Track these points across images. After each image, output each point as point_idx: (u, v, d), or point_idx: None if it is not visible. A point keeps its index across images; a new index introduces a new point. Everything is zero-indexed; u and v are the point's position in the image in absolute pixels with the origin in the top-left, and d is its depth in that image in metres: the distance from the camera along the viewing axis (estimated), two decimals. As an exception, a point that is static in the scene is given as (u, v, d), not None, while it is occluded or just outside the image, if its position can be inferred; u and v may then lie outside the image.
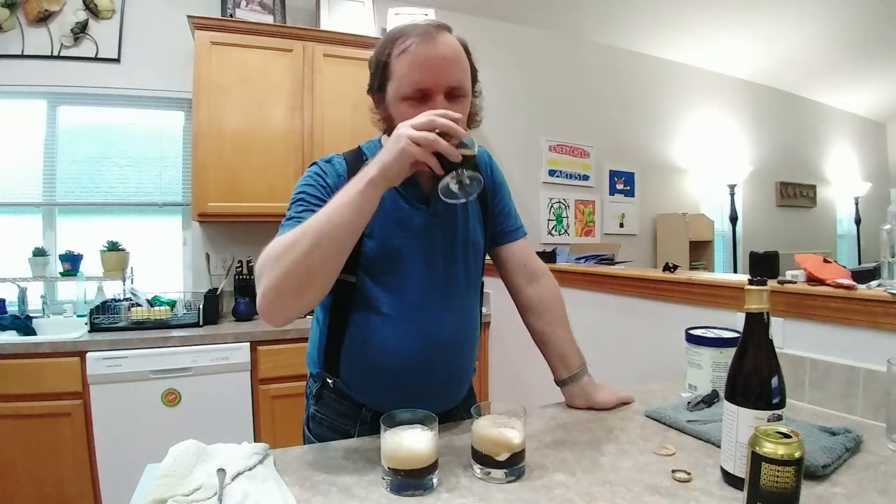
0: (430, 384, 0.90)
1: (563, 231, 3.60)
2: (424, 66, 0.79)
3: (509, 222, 1.06)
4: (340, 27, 2.59)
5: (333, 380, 0.94)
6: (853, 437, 0.79)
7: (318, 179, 0.88)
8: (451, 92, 0.82)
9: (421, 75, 0.79)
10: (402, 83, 0.81)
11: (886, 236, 1.07)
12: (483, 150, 1.05)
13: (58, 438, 1.86)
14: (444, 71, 0.80)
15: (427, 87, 0.80)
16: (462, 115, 0.80)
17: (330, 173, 0.89)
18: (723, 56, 4.09)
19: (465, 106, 0.85)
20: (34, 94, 2.41)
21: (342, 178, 0.88)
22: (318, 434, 0.96)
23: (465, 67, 0.85)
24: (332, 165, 0.90)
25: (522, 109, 3.44)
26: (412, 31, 0.81)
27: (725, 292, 1.29)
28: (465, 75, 0.84)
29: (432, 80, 0.80)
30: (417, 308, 0.88)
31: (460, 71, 0.83)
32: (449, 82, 0.81)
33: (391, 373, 0.88)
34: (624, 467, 0.74)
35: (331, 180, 0.88)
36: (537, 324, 1.03)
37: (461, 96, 0.83)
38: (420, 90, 0.80)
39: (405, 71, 0.80)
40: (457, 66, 0.82)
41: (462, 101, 0.84)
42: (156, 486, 0.65)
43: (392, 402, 0.82)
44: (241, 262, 2.51)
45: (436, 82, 0.80)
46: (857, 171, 5.62)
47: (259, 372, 2.10)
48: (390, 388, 0.89)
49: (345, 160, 0.92)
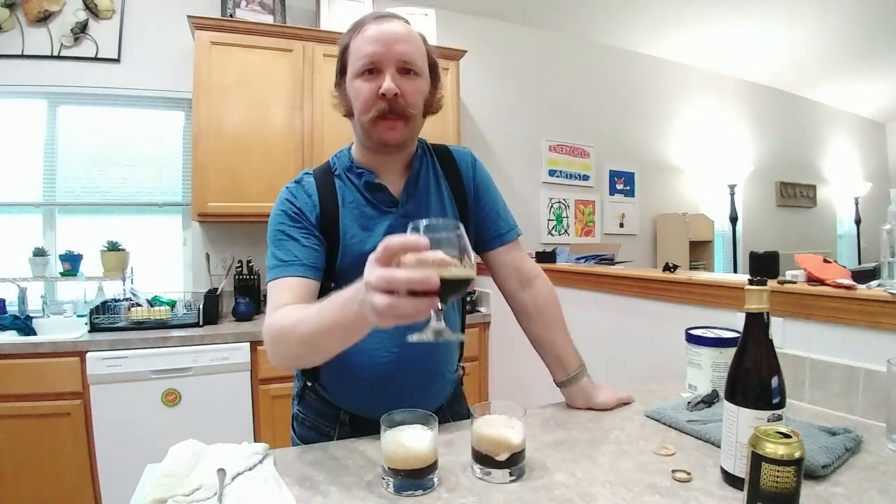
0: (406, 386, 0.90)
1: (563, 231, 3.61)
2: (376, 41, 0.83)
3: (498, 226, 1.03)
4: (340, 27, 2.54)
5: (312, 383, 0.95)
6: (853, 437, 0.79)
7: (288, 207, 0.90)
8: (402, 66, 0.84)
9: (372, 48, 0.82)
10: (355, 60, 0.85)
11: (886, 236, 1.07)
12: (467, 151, 1.05)
13: (58, 438, 1.86)
14: (393, 45, 0.83)
15: (377, 60, 0.82)
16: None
17: (300, 197, 0.91)
18: (723, 56, 4.09)
19: (418, 85, 0.87)
20: (34, 94, 2.41)
21: (312, 198, 0.90)
22: (301, 435, 0.97)
23: (419, 48, 0.87)
24: (301, 187, 0.92)
25: (522, 109, 3.44)
26: (370, 16, 0.87)
27: (725, 292, 1.29)
28: (418, 54, 0.86)
29: (382, 52, 0.82)
30: None
31: (411, 47, 0.85)
32: (399, 55, 0.83)
33: (366, 375, 0.89)
34: (624, 467, 0.74)
35: (300, 203, 0.90)
36: (533, 327, 1.02)
37: (413, 73, 0.85)
38: (371, 62, 0.83)
39: (359, 47, 0.84)
40: (408, 43, 0.85)
41: (415, 80, 0.86)
42: (156, 486, 0.65)
43: (368, 405, 0.82)
44: (241, 262, 2.51)
45: (386, 54, 0.82)
46: (857, 171, 5.62)
47: (259, 372, 2.10)
48: (367, 391, 0.90)
49: (314, 179, 0.93)
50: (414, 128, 0.89)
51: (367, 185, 0.91)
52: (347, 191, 0.92)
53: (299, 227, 0.88)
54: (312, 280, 0.86)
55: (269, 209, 0.93)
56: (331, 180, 0.93)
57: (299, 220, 0.89)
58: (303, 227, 0.88)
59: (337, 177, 0.93)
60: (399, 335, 0.89)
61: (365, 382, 0.89)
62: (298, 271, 0.85)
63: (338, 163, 0.95)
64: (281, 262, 0.86)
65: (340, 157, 0.96)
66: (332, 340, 0.69)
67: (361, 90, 0.84)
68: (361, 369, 0.88)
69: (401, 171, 0.95)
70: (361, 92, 0.84)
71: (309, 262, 0.86)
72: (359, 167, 0.93)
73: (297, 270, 0.85)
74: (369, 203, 0.91)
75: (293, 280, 0.84)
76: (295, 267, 0.85)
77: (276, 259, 0.87)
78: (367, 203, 0.91)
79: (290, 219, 0.89)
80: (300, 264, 0.85)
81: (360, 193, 0.92)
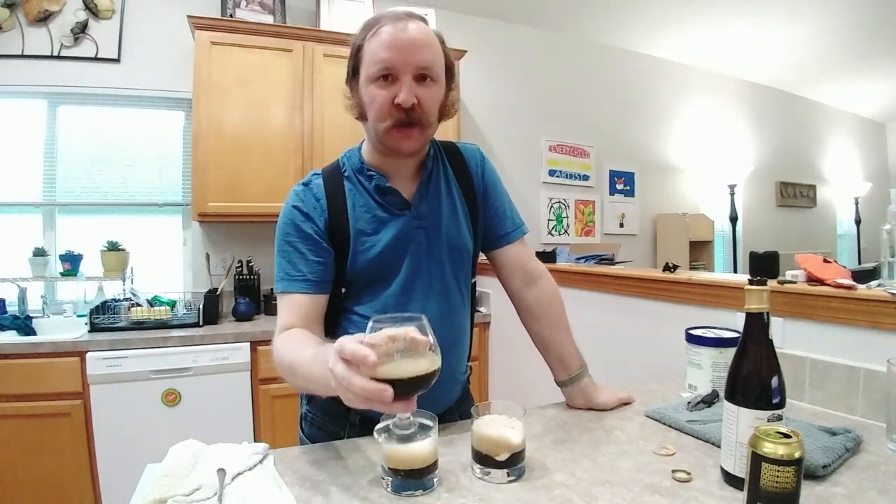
0: None
1: (563, 231, 3.60)
2: (393, 46, 0.79)
3: (504, 224, 1.03)
4: (340, 27, 2.59)
5: None
6: (853, 437, 0.79)
7: (296, 215, 0.89)
8: (420, 74, 0.81)
9: (388, 54, 0.79)
10: (370, 64, 0.81)
11: (886, 236, 1.07)
12: (475, 148, 1.04)
13: (58, 438, 1.86)
14: (411, 51, 0.79)
15: (394, 66, 0.79)
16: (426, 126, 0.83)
17: (308, 201, 0.89)
18: (723, 56, 4.09)
19: (434, 92, 0.84)
20: (34, 94, 2.41)
21: (321, 202, 0.89)
22: (310, 435, 0.97)
23: (437, 53, 0.84)
24: (309, 190, 0.91)
25: (522, 109, 3.44)
26: (386, 15, 0.83)
27: (725, 292, 1.29)
28: (436, 59, 0.83)
29: (400, 60, 0.79)
30: (401, 310, 0.88)
31: (430, 54, 0.82)
32: (417, 63, 0.80)
33: None
34: (624, 467, 0.74)
35: (308, 208, 0.89)
36: (536, 327, 1.02)
37: (431, 79, 0.83)
38: (387, 69, 0.80)
39: (374, 51, 0.81)
40: (426, 49, 0.81)
41: (431, 86, 0.83)
42: (156, 486, 0.65)
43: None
44: (241, 262, 2.51)
45: (403, 62, 0.79)
46: (857, 171, 5.62)
47: (259, 372, 2.10)
48: None
49: (323, 180, 0.92)
50: (429, 135, 0.88)
51: (378, 188, 0.90)
52: (357, 193, 0.90)
53: (306, 239, 0.87)
54: (318, 295, 0.87)
55: (270, 209, 0.93)
56: (340, 182, 0.91)
57: (306, 231, 0.88)
58: (310, 240, 0.87)
59: (346, 178, 0.92)
60: None
61: None
62: (303, 287, 0.86)
63: (348, 163, 0.94)
64: (287, 276, 0.87)
65: (351, 157, 0.95)
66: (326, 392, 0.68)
67: (376, 97, 0.81)
68: None
69: (413, 173, 0.94)
70: (376, 99, 0.82)
71: (315, 277, 0.87)
72: (370, 169, 0.91)
73: (301, 287, 0.86)
74: (380, 206, 0.90)
75: (298, 298, 0.86)
76: (300, 283, 0.86)
77: (284, 272, 0.88)
78: (377, 206, 0.90)
79: (297, 231, 0.88)
80: (305, 280, 0.86)
81: (371, 196, 0.90)
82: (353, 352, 0.55)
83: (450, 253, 0.94)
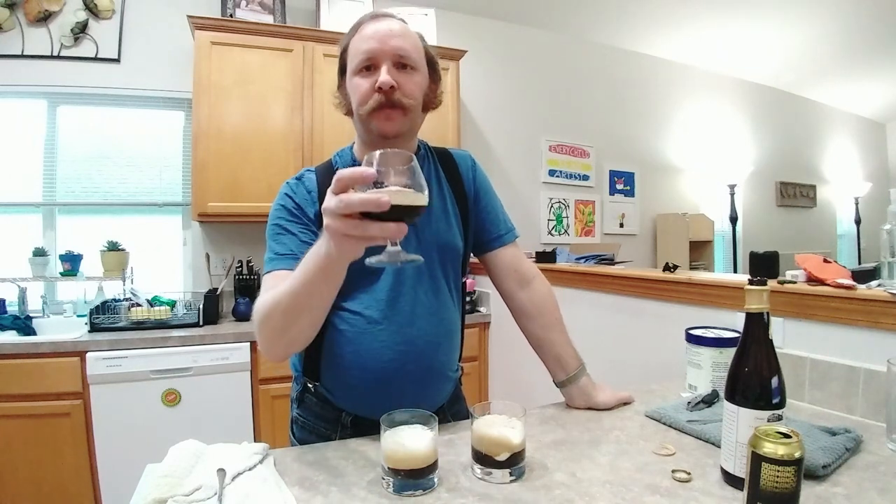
0: (407, 386, 0.89)
1: (563, 231, 3.61)
2: (372, 38, 0.85)
3: (496, 227, 1.05)
4: (340, 27, 2.59)
5: (314, 384, 0.94)
6: (853, 437, 0.79)
7: (287, 201, 0.91)
8: (398, 61, 0.85)
9: (368, 45, 0.84)
10: (353, 58, 0.87)
11: (886, 236, 1.07)
12: (466, 154, 1.06)
13: (58, 438, 1.86)
14: (388, 41, 0.84)
15: (374, 56, 0.84)
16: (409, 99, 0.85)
17: (299, 193, 0.91)
18: (723, 56, 4.09)
19: (414, 79, 0.88)
20: (34, 94, 2.41)
21: (312, 194, 0.91)
22: (301, 438, 0.96)
23: (415, 44, 0.89)
24: (301, 183, 0.92)
25: (522, 109, 3.44)
26: (367, 16, 0.89)
27: (725, 292, 1.29)
28: (414, 49, 0.88)
29: (378, 48, 0.84)
30: (391, 309, 0.89)
31: (407, 43, 0.86)
32: (394, 50, 0.84)
33: (369, 374, 0.88)
34: (624, 467, 0.74)
35: (300, 199, 0.90)
36: (531, 328, 1.03)
37: (410, 67, 0.87)
38: (368, 59, 0.85)
39: (356, 46, 0.86)
40: (403, 38, 0.86)
41: (411, 73, 0.87)
42: (156, 486, 0.65)
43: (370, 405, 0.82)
44: (241, 262, 2.51)
45: (381, 49, 0.84)
46: (857, 171, 5.62)
47: (259, 372, 2.10)
48: (369, 390, 0.89)
49: (316, 175, 0.93)
50: (412, 119, 0.89)
51: None
52: None
53: (297, 221, 0.89)
54: None
55: (269, 209, 0.93)
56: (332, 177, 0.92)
57: (297, 215, 0.89)
58: (300, 223, 0.89)
59: None
60: (402, 334, 0.89)
61: (367, 382, 0.89)
62: (293, 265, 0.83)
63: (339, 160, 0.96)
64: (277, 255, 0.87)
65: (342, 154, 0.97)
66: (313, 295, 0.70)
67: (360, 85, 0.86)
68: (363, 369, 0.88)
69: None
70: (359, 87, 0.86)
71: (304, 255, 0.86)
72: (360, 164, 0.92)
73: (291, 264, 0.83)
74: None
75: (286, 274, 0.83)
76: (289, 260, 0.85)
77: (273, 252, 0.88)
78: None
79: (288, 213, 0.90)
80: (295, 258, 0.84)
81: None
82: (352, 173, 0.58)
83: (439, 250, 0.94)
